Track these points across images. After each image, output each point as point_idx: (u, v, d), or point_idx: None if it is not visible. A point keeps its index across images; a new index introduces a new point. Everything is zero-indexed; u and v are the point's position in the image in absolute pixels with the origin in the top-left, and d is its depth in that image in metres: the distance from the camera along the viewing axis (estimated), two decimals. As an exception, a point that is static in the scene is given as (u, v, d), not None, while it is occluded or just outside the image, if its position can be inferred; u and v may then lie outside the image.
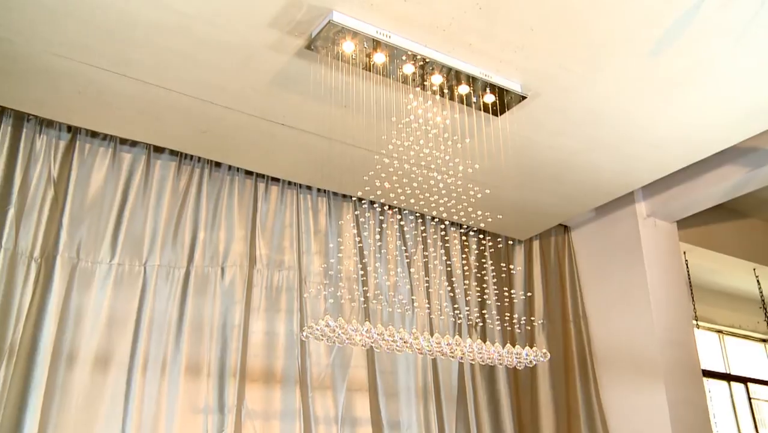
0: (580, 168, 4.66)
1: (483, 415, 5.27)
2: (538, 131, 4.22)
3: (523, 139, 4.28)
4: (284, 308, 4.68)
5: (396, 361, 5.00)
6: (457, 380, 5.22)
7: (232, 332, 4.41)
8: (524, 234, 5.87)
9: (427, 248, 5.31)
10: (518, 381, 5.51)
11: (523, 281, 5.81)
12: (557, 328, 5.62)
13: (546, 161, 4.57)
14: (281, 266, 4.79)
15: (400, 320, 5.03)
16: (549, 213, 5.39)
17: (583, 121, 4.11)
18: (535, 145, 4.37)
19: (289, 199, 5.02)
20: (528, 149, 4.41)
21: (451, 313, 5.30)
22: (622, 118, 4.08)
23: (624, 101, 3.92)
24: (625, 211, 5.39)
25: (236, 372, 4.30)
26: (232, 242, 4.67)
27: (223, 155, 4.65)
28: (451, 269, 5.39)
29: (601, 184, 4.90)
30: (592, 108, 3.99)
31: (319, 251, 4.97)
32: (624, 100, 3.91)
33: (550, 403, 5.38)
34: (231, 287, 4.53)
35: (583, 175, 4.76)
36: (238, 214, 4.76)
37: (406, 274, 5.16)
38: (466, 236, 5.58)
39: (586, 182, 4.87)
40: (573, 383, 5.34)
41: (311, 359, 4.64)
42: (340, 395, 4.66)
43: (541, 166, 4.63)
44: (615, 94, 3.85)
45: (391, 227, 5.28)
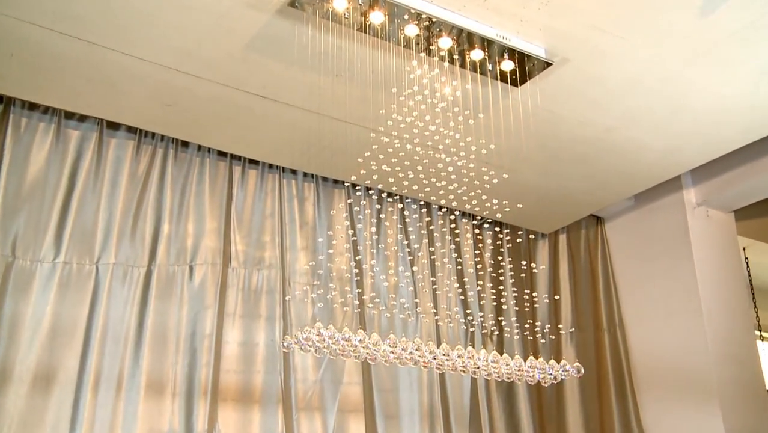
0: (617, 148, 4.66)
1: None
2: (565, 104, 4.22)
3: (547, 113, 4.28)
4: (264, 314, 4.70)
5: (397, 377, 5.02)
6: (470, 400, 5.25)
7: (203, 342, 4.43)
8: (549, 226, 5.88)
9: (433, 242, 5.33)
10: (542, 401, 5.54)
11: (547, 282, 5.84)
12: (588, 338, 5.64)
13: (575, 140, 4.57)
14: (261, 264, 4.82)
15: (402, 328, 5.05)
16: (578, 202, 5.40)
17: (620, 91, 4.10)
18: (563, 121, 4.37)
19: (270, 185, 5.03)
20: (554, 126, 4.42)
21: (462, 319, 5.32)
22: (668, 87, 4.07)
23: (671, 68, 3.91)
24: (670, 199, 5.41)
25: (207, 391, 4.32)
26: (203, 236, 4.68)
27: (191, 133, 4.65)
28: (462, 268, 5.40)
29: (641, 167, 4.90)
30: (632, 76, 3.98)
31: (305, 246, 4.98)
32: (670, 66, 3.90)
33: (580, 427, 5.42)
34: (201, 289, 4.55)
35: (620, 156, 4.75)
36: (210, 202, 4.77)
37: (408, 273, 5.17)
38: (480, 228, 5.62)
39: (624, 165, 4.87)
40: (608, 403, 5.37)
41: (296, 374, 4.67)
42: (330, 417, 4.68)
43: (569, 145, 4.64)
44: (659, 59, 3.84)
45: (390, 217, 5.30)
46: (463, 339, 5.33)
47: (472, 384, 5.31)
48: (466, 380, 5.28)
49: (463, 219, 5.60)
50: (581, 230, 5.93)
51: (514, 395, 5.46)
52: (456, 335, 5.31)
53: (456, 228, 5.48)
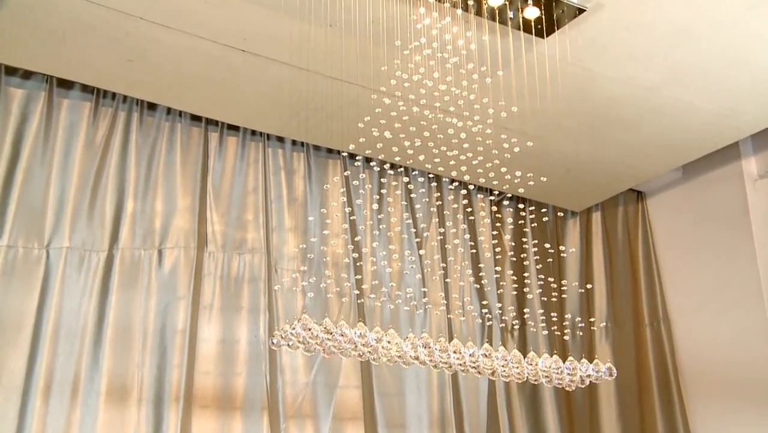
0: (662, 110, 4.62)
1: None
2: (600, 58, 4.18)
3: (579, 69, 4.25)
4: (247, 306, 4.71)
5: (402, 379, 5.03)
6: (487, 406, 5.27)
7: (174, 339, 4.43)
8: (580, 203, 5.86)
9: (444, 222, 5.32)
10: (572, 407, 5.55)
11: (578, 269, 5.83)
12: (627, 333, 5.65)
13: (613, 101, 4.54)
14: (242, 247, 4.82)
15: (407, 322, 5.06)
16: (615, 174, 5.38)
17: (667, 42, 4.06)
18: (597, 78, 4.34)
19: (252, 155, 5.02)
20: (586, 84, 4.39)
21: (478, 312, 5.34)
22: (723, 37, 4.02)
23: (727, 14, 3.86)
24: (726, 170, 5.38)
25: (179, 396, 4.33)
26: (174, 215, 4.67)
27: (158, 94, 4.62)
28: (478, 252, 5.41)
29: (691, 133, 4.87)
30: (682, 24, 3.93)
31: (294, 226, 4.98)
32: (727, 12, 3.85)
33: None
34: (172, 277, 4.55)
35: (666, 119, 4.72)
36: (182, 175, 4.77)
37: (415, 258, 5.18)
38: (499, 205, 5.61)
39: (670, 130, 4.83)
40: (650, 411, 5.37)
41: (284, 376, 4.68)
42: (324, 425, 4.70)
43: (605, 107, 4.60)
44: (713, 3, 3.79)
45: (394, 193, 5.28)
46: (478, 335, 5.34)
47: (489, 388, 5.32)
48: (483, 382, 5.29)
49: (479, 194, 5.59)
50: (619, 207, 5.91)
51: (539, 401, 5.48)
52: (471, 329, 5.32)
53: (470, 205, 5.47)
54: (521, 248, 5.47)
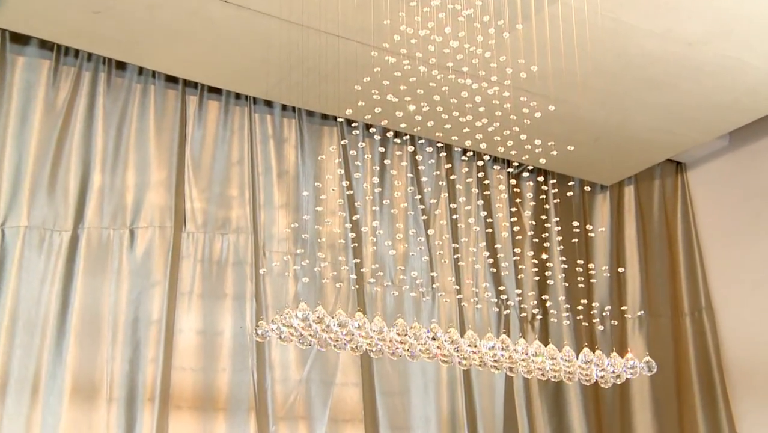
0: (706, 68, 4.60)
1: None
2: (634, 9, 4.16)
3: (610, 22, 4.22)
4: (231, 293, 4.71)
5: (407, 376, 5.04)
6: (504, 406, 5.28)
7: (148, 331, 4.44)
8: (611, 176, 5.85)
9: (455, 197, 5.34)
10: (600, 407, 5.56)
11: (608, 250, 5.83)
12: (664, 324, 5.66)
13: (648, 58, 4.52)
14: (226, 227, 4.82)
15: (414, 310, 5.08)
16: (651, 142, 5.37)
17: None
18: (630, 32, 4.31)
19: (236, 121, 5.01)
20: (618, 39, 4.36)
21: (494, 299, 5.33)
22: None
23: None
24: (782, 138, 5.40)
25: (154, 395, 4.33)
26: (147, 190, 4.67)
27: (128, 51, 4.61)
28: (494, 231, 5.40)
29: (739, 95, 4.84)
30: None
31: (285, 203, 4.99)
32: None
33: (652, 441, 5.48)
34: (146, 260, 4.55)
35: (710, 79, 4.69)
36: (156, 145, 4.76)
37: (422, 238, 5.18)
38: (518, 178, 5.60)
39: (715, 91, 4.81)
40: (690, 411, 5.39)
41: (274, 372, 4.70)
42: (318, 427, 4.72)
43: (639, 66, 4.58)
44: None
45: (398, 164, 5.29)
46: (495, 325, 5.35)
47: (506, 385, 5.33)
48: (499, 379, 5.31)
49: (495, 166, 5.58)
50: (655, 181, 5.91)
51: (564, 400, 5.49)
52: (485, 319, 5.33)
53: (486, 178, 5.45)
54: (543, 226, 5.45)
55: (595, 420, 5.54)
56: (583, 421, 5.47)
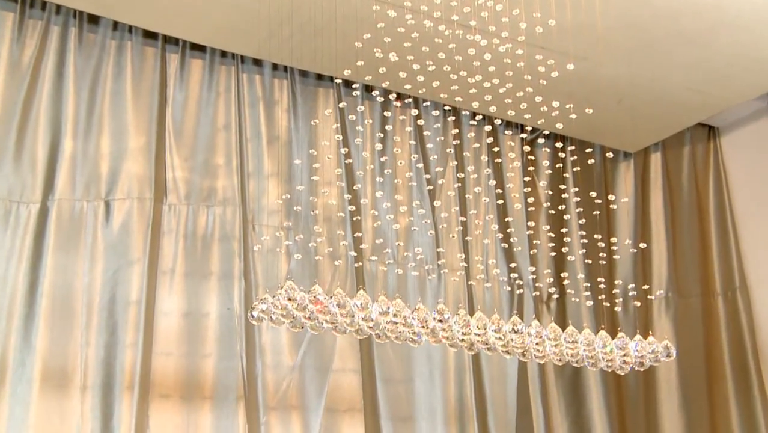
0: (742, 22, 4.58)
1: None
2: (662, -42, 4.22)
3: (635, -29, 4.27)
4: (217, 272, 4.72)
5: (411, 362, 5.06)
6: (517, 395, 5.30)
7: (126, 313, 4.44)
8: (635, 142, 5.84)
9: (463, 166, 5.33)
10: (623, 396, 5.58)
11: (632, 223, 5.84)
12: (693, 305, 5.65)
13: (678, 10, 4.50)
14: (211, 198, 4.81)
15: (417, 290, 5.08)
16: (681, 104, 5.35)
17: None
18: (658, -18, 4.35)
19: (222, 81, 5.00)
20: (644, -10, 4.39)
21: (506, 277, 5.36)
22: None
23: None
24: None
25: (133, 383, 4.33)
26: (124, 158, 4.66)
27: (102, 3, 4.58)
28: (506, 202, 5.43)
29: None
30: None
31: (276, 172, 4.99)
32: None
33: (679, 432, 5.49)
34: (123, 235, 4.54)
35: (747, 34, 4.67)
36: (134, 108, 4.75)
37: (427, 210, 5.20)
38: (532, 144, 5.60)
39: (752, 47, 4.78)
40: (722, 399, 5.40)
41: (265, 358, 4.71)
42: (313, 418, 4.73)
43: (667, 19, 4.56)
44: None
45: (401, 130, 5.28)
46: (506, 306, 5.37)
47: (520, 372, 5.35)
48: (512, 365, 5.33)
49: (507, 131, 5.57)
50: (684, 147, 5.90)
51: (582, 389, 5.51)
52: (496, 299, 5.34)
53: (497, 144, 5.46)
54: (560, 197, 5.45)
55: (617, 410, 5.57)
56: (604, 411, 5.49)
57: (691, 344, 5.53)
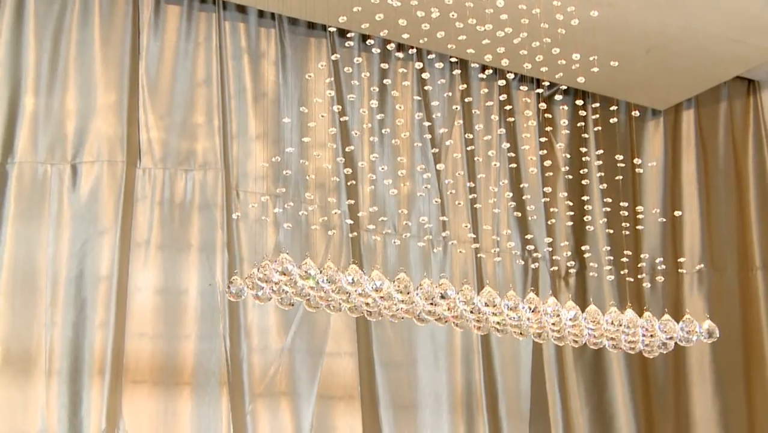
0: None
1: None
2: None
3: None
4: (197, 243, 4.72)
5: (412, 343, 5.07)
6: (531, 381, 5.33)
7: (96, 290, 4.44)
8: (666, 98, 5.83)
9: (472, 125, 5.31)
10: (650, 381, 5.60)
11: (661, 189, 5.83)
12: (730, 280, 5.67)
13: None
14: (190, 161, 4.81)
15: (421, 263, 5.10)
16: (717, 55, 5.34)
17: None
18: None
19: (203, 30, 4.98)
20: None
21: (519, 250, 5.37)
22: None
23: None
24: None
25: (104, 367, 4.34)
26: (92, 116, 4.65)
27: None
28: (519, 166, 5.41)
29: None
30: None
31: (263, 132, 4.98)
32: None
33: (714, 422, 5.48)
34: (92, 203, 4.54)
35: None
36: (103, 60, 4.73)
37: (432, 175, 5.20)
38: (550, 101, 5.59)
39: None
40: (761, 384, 5.43)
41: (251, 340, 4.72)
42: (305, 406, 4.75)
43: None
44: None
45: (401, 84, 5.22)
46: (519, 281, 5.39)
47: (534, 355, 5.38)
48: (525, 348, 5.35)
49: (522, 87, 5.58)
50: (721, 103, 5.88)
51: (604, 374, 5.53)
52: (508, 273, 5.35)
53: (510, 102, 5.46)
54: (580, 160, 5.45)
55: (643, 397, 5.59)
56: (628, 398, 5.51)
57: (726, 323, 5.50)
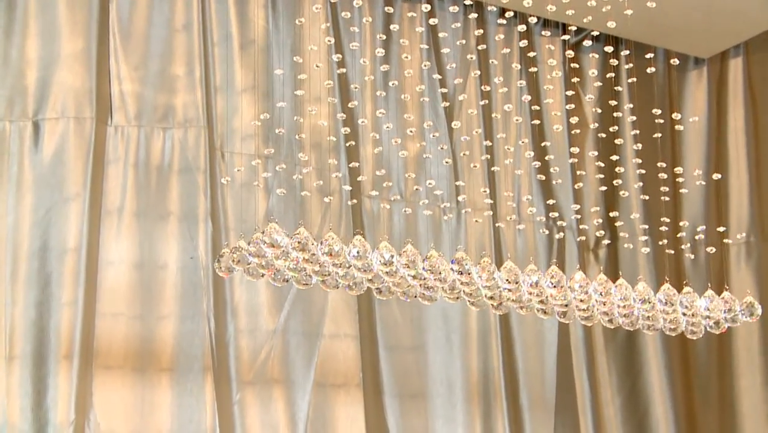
0: None
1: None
2: None
3: None
4: (177, 211, 4.75)
5: (421, 324, 5.10)
6: (556, 367, 5.36)
7: (62, 264, 4.46)
8: (709, 45, 5.83)
9: (489, 76, 5.33)
10: (690, 365, 5.63)
11: (704, 149, 5.86)
12: (782, 251, 5.69)
13: None
14: (168, 118, 4.82)
15: (431, 233, 5.10)
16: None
17: None
18: None
19: (181, -30, 4.98)
20: None
21: (543, 218, 5.41)
22: None
23: None
24: None
25: (72, 351, 4.36)
26: (56, 67, 4.66)
27: None
28: (544, 123, 5.46)
29: None
30: None
31: (251, 85, 4.99)
32: None
33: (765, 414, 5.50)
34: (57, 164, 4.56)
35: None
36: (67, 2, 4.71)
37: (443, 134, 5.22)
38: (577, 49, 5.59)
39: None
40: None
41: (239, 321, 4.75)
42: (300, 395, 4.78)
43: None
44: None
45: (409, 31, 5.26)
46: (544, 252, 5.42)
47: (560, 336, 5.40)
48: (550, 330, 5.37)
49: (545, 32, 5.56)
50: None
51: (639, 358, 5.56)
52: (530, 244, 5.37)
53: (531, 49, 5.44)
54: (612, 117, 5.45)
55: (683, 385, 5.62)
56: (666, 386, 5.53)
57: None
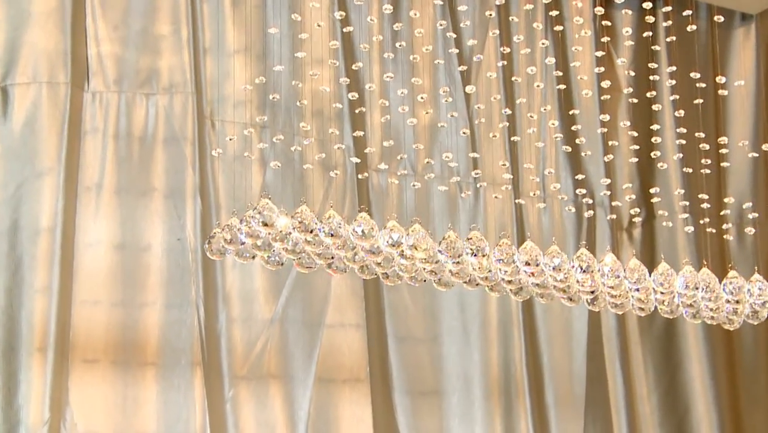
0: None
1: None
2: None
3: None
4: (162, 188, 4.75)
5: (436, 313, 5.10)
6: (585, 360, 5.35)
7: (35, 245, 4.46)
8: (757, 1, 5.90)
9: (509, 37, 5.33)
10: (735, 360, 5.63)
11: (751, 117, 5.84)
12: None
13: None
14: (152, 83, 4.81)
15: (446, 211, 5.14)
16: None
17: None
18: None
19: None
20: None
21: (570, 195, 5.38)
22: None
23: None
24: None
25: (47, 342, 4.36)
26: (26, 27, 4.65)
27: None
28: (570, 88, 5.41)
29: None
30: None
31: (244, 47, 4.96)
32: None
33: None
34: (28, 135, 4.56)
35: None
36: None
37: (459, 100, 5.23)
38: (607, 4, 5.53)
39: None
40: None
41: (231, 309, 4.75)
42: (300, 391, 4.78)
43: None
44: None
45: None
46: (571, 233, 5.41)
47: (590, 327, 5.39)
48: (579, 319, 5.37)
49: (573, -12, 5.55)
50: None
51: (677, 349, 5.56)
52: (556, 223, 5.36)
53: (557, 6, 5.41)
54: (647, 80, 5.42)
55: (728, 380, 5.62)
56: (708, 380, 5.53)
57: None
